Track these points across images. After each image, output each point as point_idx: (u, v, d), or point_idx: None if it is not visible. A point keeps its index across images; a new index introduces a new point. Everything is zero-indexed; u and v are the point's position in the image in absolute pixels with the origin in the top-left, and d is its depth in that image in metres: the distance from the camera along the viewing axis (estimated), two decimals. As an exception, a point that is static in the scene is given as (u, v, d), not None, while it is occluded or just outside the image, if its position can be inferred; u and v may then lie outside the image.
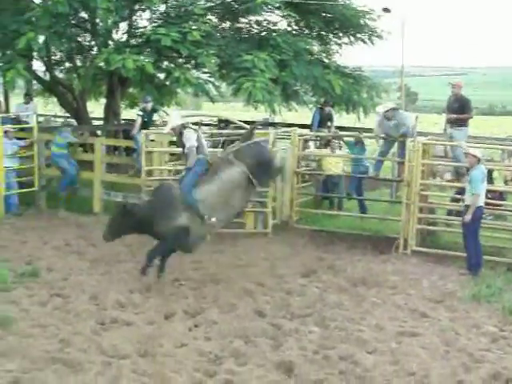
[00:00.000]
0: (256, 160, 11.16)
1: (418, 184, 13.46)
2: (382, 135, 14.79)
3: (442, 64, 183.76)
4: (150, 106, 16.50)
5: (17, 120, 19.09)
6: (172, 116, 11.70)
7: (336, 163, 16.14)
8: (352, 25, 20.27)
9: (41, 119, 20.84)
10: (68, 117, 22.26)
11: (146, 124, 16.27)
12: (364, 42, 20.80)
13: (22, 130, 18.07)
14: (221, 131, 17.08)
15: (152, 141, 15.81)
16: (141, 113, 16.47)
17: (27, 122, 18.65)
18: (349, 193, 15.89)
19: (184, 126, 11.22)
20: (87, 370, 7.93)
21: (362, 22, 20.22)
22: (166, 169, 15.22)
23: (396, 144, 14.74)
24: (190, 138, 11.09)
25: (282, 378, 7.92)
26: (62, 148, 16.48)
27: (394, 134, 14.44)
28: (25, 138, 17.15)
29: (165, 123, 16.17)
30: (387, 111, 14.55)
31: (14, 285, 10.96)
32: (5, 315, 9.40)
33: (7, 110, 22.58)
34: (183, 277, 11.52)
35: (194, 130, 11.27)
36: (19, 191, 16.39)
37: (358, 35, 20.75)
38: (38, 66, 21.59)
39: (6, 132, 15.88)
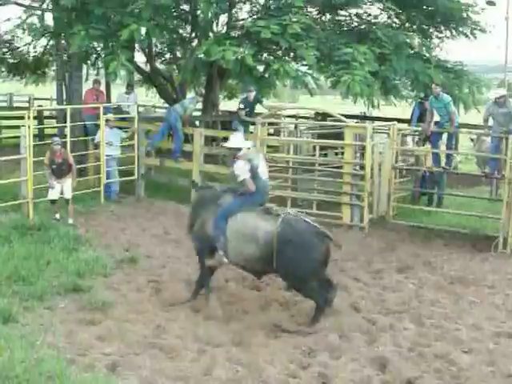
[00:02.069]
0: None
1: (520, 182, 13.14)
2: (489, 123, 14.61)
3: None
4: (252, 95, 16.48)
5: (118, 110, 19.48)
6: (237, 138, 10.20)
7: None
8: (454, 18, 19.85)
9: (141, 109, 21.21)
10: (167, 107, 22.61)
11: (248, 114, 16.28)
12: (466, 36, 20.36)
13: (123, 119, 18.45)
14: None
15: (251, 133, 15.93)
16: (242, 105, 16.48)
17: (128, 112, 18.99)
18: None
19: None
20: (183, 357, 8.09)
21: (464, 15, 19.79)
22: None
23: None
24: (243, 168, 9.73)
25: (376, 373, 7.85)
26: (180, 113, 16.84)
27: (503, 123, 14.19)
28: (126, 128, 17.52)
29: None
30: (500, 97, 14.36)
31: (113, 271, 11.23)
32: (104, 300, 9.64)
33: (108, 100, 23.07)
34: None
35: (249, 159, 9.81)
36: (120, 179, 16.77)
37: (460, 29, 20.32)
38: (139, 57, 22.05)
39: (107, 121, 16.25)
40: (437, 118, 15.61)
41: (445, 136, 15.86)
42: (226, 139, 17.84)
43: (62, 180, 14.08)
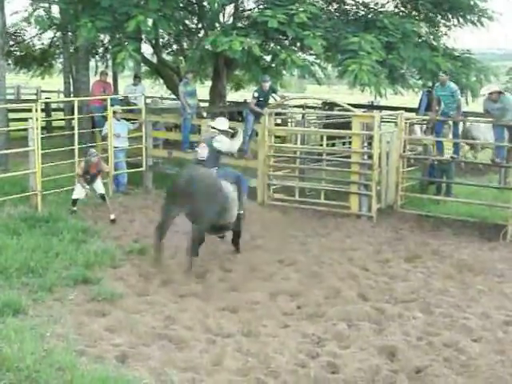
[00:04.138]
0: None
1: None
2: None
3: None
4: (267, 85, 16.33)
5: (125, 101, 19.47)
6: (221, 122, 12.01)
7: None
8: (461, 6, 19.75)
9: (148, 101, 21.20)
10: (174, 98, 22.62)
11: (262, 104, 16.18)
12: (474, 24, 20.24)
13: (130, 111, 18.45)
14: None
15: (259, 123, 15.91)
16: (256, 94, 16.27)
17: (135, 104, 18.99)
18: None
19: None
20: (192, 347, 8.08)
21: (471, 2, 19.68)
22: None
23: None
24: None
25: (385, 362, 7.83)
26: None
27: (500, 117, 14.10)
28: (133, 119, 17.52)
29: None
30: (491, 93, 14.25)
31: (122, 262, 11.24)
32: (113, 291, 9.64)
33: (116, 92, 23.07)
34: (288, 258, 11.60)
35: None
36: (128, 171, 16.79)
37: (468, 17, 20.21)
38: (146, 48, 22.02)
39: (114, 113, 16.25)
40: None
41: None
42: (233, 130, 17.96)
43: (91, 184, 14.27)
